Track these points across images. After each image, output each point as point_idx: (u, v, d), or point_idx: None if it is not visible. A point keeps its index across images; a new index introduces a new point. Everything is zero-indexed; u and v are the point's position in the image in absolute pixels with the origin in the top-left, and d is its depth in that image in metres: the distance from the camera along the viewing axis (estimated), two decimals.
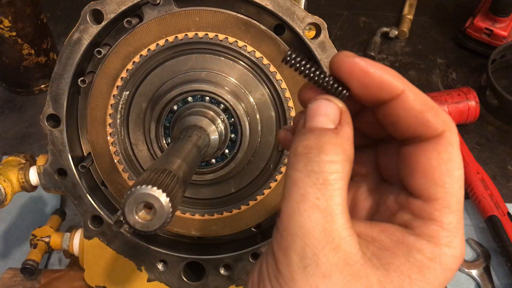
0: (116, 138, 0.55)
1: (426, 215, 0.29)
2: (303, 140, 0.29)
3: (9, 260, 0.79)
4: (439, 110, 0.29)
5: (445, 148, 0.29)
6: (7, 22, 0.89)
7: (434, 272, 0.27)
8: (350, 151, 0.29)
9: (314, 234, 0.26)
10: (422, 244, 0.28)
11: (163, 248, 0.59)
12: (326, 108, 0.30)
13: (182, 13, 0.51)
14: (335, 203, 0.27)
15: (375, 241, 0.29)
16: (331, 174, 0.27)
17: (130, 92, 0.54)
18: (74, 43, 0.52)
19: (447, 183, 0.28)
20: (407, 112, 0.29)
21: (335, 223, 0.27)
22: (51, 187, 0.57)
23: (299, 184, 0.27)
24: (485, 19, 1.06)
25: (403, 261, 0.27)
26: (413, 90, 0.29)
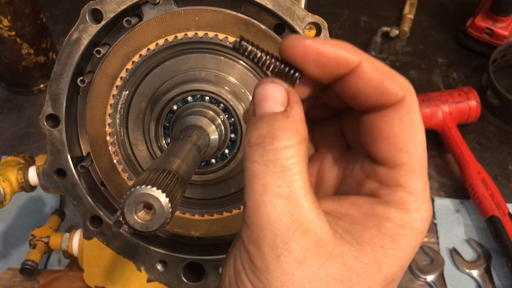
0: (116, 138, 0.55)
1: (392, 182, 0.29)
2: (255, 129, 0.28)
3: (8, 260, 0.79)
4: (396, 75, 0.29)
5: (407, 114, 0.29)
6: (6, 22, 0.89)
7: (406, 238, 0.28)
8: (303, 131, 0.29)
9: (282, 222, 0.26)
10: (391, 212, 0.28)
11: (163, 248, 0.58)
12: (273, 91, 0.29)
13: (181, 13, 0.51)
14: (297, 187, 0.27)
15: (345, 216, 0.29)
16: (288, 159, 0.27)
17: (130, 91, 0.54)
18: (74, 43, 0.52)
19: (411, 148, 0.28)
20: (365, 83, 0.29)
21: (301, 207, 0.27)
22: (50, 187, 0.57)
23: (259, 176, 0.27)
24: (486, 19, 1.06)
25: (375, 232, 0.27)
26: (369, 60, 0.29)
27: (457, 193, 0.89)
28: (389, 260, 0.27)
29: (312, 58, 0.29)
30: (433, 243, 0.82)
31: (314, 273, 0.26)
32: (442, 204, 0.87)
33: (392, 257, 0.27)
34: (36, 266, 0.66)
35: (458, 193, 0.89)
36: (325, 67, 0.29)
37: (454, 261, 0.80)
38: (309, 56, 0.29)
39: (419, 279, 0.78)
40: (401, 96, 0.28)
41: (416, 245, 0.28)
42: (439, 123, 0.92)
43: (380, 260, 0.27)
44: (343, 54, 0.28)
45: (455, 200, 0.88)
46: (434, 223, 0.85)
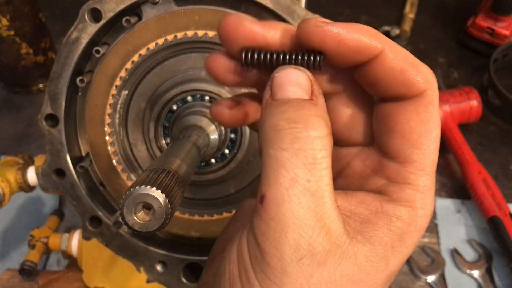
0: (115, 138, 0.55)
1: (401, 179, 0.28)
2: (281, 112, 0.25)
3: (7, 261, 0.79)
4: (420, 66, 0.28)
5: (426, 108, 0.27)
6: (5, 21, 0.89)
7: (412, 235, 0.28)
8: (329, 123, 0.27)
9: (307, 221, 0.24)
10: (400, 210, 0.27)
11: (162, 249, 0.58)
12: (297, 77, 0.27)
13: (181, 12, 0.51)
14: (325, 183, 0.25)
15: (355, 214, 0.28)
16: (320, 151, 0.25)
17: (129, 91, 0.54)
18: (73, 42, 0.52)
19: (424, 144, 0.27)
20: (386, 72, 0.27)
21: (325, 205, 0.25)
22: (50, 188, 0.57)
23: (287, 166, 0.24)
24: (487, 18, 1.05)
25: (385, 231, 0.27)
26: (393, 47, 0.27)
27: (458, 193, 0.88)
28: (395, 257, 0.27)
29: (331, 45, 0.26)
30: (434, 244, 0.82)
31: (331, 274, 0.25)
32: (443, 204, 0.87)
33: (398, 254, 0.27)
34: (35, 266, 0.66)
35: (459, 193, 0.88)
36: (345, 55, 0.27)
37: (455, 261, 0.79)
38: (329, 43, 0.26)
39: (420, 280, 0.78)
40: (422, 89, 0.27)
41: (418, 240, 0.28)
42: (440, 123, 0.91)
43: (389, 258, 0.27)
44: (366, 41, 0.26)
45: (456, 200, 0.87)
46: (435, 223, 0.85)
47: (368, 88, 0.29)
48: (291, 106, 0.26)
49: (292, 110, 0.25)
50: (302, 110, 0.25)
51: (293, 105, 0.26)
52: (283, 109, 0.26)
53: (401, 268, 0.78)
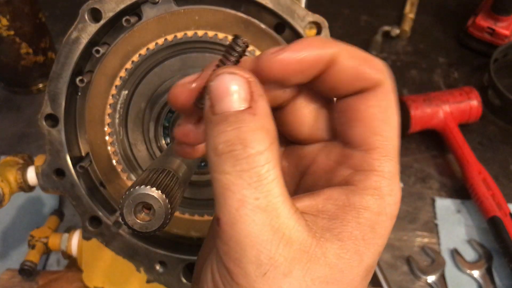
0: (115, 138, 0.55)
1: (366, 166, 0.28)
2: (220, 133, 0.25)
3: (7, 261, 0.79)
4: (372, 59, 0.29)
5: (384, 96, 0.29)
6: (5, 21, 0.89)
7: (383, 224, 0.27)
8: (272, 129, 0.26)
9: (264, 237, 0.24)
10: (368, 200, 0.27)
11: (162, 249, 0.58)
12: (232, 84, 0.26)
13: (181, 12, 0.51)
14: (275, 195, 0.25)
15: (322, 212, 0.27)
16: (263, 166, 0.24)
17: (129, 91, 0.53)
18: (73, 42, 0.52)
19: (385, 131, 0.28)
20: (343, 75, 0.28)
21: (280, 216, 0.25)
22: (49, 188, 0.57)
23: (233, 189, 0.24)
24: (487, 18, 1.05)
25: (354, 225, 0.26)
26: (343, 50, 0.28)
27: (458, 193, 0.88)
28: (369, 250, 0.27)
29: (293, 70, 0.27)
30: (434, 244, 0.82)
31: (301, 281, 0.25)
32: (443, 204, 0.87)
33: (372, 246, 0.27)
34: (35, 266, 0.66)
35: (459, 193, 0.88)
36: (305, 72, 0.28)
37: (455, 261, 0.79)
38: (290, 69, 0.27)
39: (420, 280, 0.78)
40: (378, 81, 0.28)
41: (390, 229, 0.28)
42: (440, 123, 0.91)
43: (362, 251, 0.26)
44: (320, 53, 0.27)
45: (456, 200, 0.87)
46: (435, 223, 0.85)
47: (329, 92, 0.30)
48: (229, 124, 0.25)
49: (230, 129, 0.25)
50: (240, 127, 0.25)
51: (231, 123, 0.25)
52: (221, 128, 0.25)
53: (401, 268, 0.79)
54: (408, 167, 0.92)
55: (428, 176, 0.91)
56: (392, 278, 0.77)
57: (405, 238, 0.82)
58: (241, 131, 0.25)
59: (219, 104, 0.26)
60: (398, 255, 0.80)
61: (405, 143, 0.95)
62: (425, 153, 0.94)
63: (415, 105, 0.91)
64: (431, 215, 0.86)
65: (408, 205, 0.87)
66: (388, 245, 0.81)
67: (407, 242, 0.82)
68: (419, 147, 0.95)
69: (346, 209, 0.27)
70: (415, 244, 0.82)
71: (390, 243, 0.82)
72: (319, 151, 0.32)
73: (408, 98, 0.92)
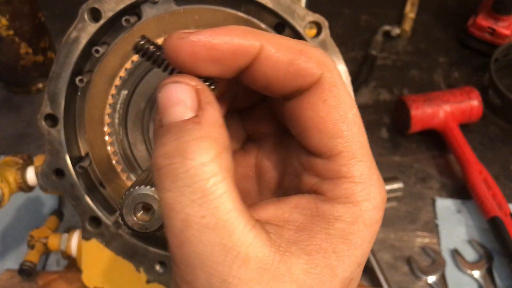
0: (115, 138, 0.55)
1: (333, 174, 0.25)
2: (161, 146, 0.23)
3: (7, 261, 0.79)
4: (309, 50, 0.25)
5: (330, 93, 0.25)
6: (5, 21, 0.88)
7: (360, 233, 0.24)
8: (222, 137, 0.23)
9: (215, 258, 0.22)
10: (339, 209, 0.24)
11: (162, 249, 0.58)
12: (178, 93, 0.24)
13: (181, 12, 0.51)
14: (225, 211, 0.22)
15: (289, 223, 0.24)
16: (209, 179, 0.22)
17: (129, 91, 0.53)
18: (72, 42, 0.51)
19: (344, 131, 0.25)
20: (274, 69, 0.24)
21: (234, 233, 0.22)
22: (49, 188, 0.57)
23: (176, 208, 0.22)
24: (487, 18, 1.05)
25: (323, 237, 0.24)
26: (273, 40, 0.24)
27: (458, 194, 0.88)
28: (343, 263, 0.24)
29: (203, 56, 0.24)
30: (434, 244, 0.82)
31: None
32: (444, 204, 0.87)
33: (347, 258, 0.24)
34: (35, 267, 0.66)
35: (459, 194, 0.88)
36: (222, 63, 0.24)
37: (456, 261, 0.79)
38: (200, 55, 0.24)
39: (420, 280, 0.78)
40: (318, 74, 0.25)
41: (371, 237, 0.25)
42: (441, 123, 0.91)
43: (334, 265, 0.24)
44: (239, 42, 0.24)
45: (456, 201, 0.87)
46: (436, 223, 0.84)
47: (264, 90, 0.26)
48: (170, 135, 0.23)
49: (171, 140, 0.23)
50: (181, 137, 0.22)
51: (173, 134, 0.23)
52: (163, 140, 0.23)
53: (402, 268, 0.78)
54: (409, 167, 0.92)
55: (429, 176, 0.91)
56: (392, 278, 0.77)
57: (406, 238, 0.82)
58: (181, 141, 0.22)
59: (165, 115, 0.24)
60: (399, 255, 0.80)
61: (406, 143, 0.95)
62: (426, 153, 0.94)
63: (415, 105, 0.91)
64: (431, 215, 0.85)
65: (408, 205, 0.86)
66: (388, 245, 0.81)
67: (407, 242, 0.82)
68: (420, 147, 0.95)
69: (314, 219, 0.24)
70: (416, 244, 0.82)
71: (391, 243, 0.81)
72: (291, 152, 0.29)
73: (409, 98, 0.92)
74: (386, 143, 0.95)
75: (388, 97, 1.02)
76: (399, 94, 1.02)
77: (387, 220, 0.84)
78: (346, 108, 0.25)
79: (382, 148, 0.94)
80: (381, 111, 0.99)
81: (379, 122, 0.97)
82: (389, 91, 1.03)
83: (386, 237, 0.82)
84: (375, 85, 1.03)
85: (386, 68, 1.07)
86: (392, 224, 0.83)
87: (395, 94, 1.02)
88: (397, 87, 1.03)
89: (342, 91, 0.25)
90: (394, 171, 0.90)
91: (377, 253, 0.79)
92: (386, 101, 1.01)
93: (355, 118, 0.25)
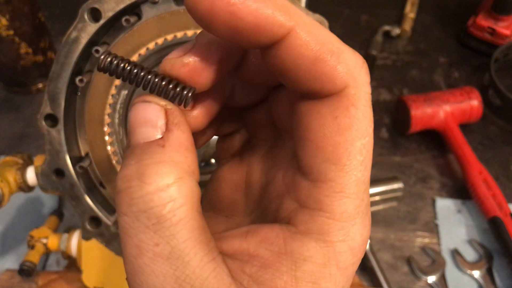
0: (115, 138, 0.54)
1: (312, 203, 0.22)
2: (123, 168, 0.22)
3: (7, 261, 0.79)
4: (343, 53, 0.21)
5: (345, 111, 0.21)
6: (5, 21, 0.88)
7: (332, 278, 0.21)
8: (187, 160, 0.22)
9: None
10: (309, 249, 0.21)
11: None
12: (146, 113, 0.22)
13: (181, 12, 0.51)
14: (181, 240, 0.20)
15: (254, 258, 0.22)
16: (166, 205, 0.20)
17: (129, 91, 0.53)
18: (72, 42, 0.51)
19: (343, 158, 0.21)
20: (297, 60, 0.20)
21: (189, 265, 0.20)
22: (49, 188, 0.57)
23: (130, 233, 0.21)
24: (487, 18, 1.05)
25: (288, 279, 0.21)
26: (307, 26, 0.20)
27: (458, 194, 0.88)
28: None
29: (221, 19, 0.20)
30: (434, 244, 0.82)
31: None
32: (444, 204, 0.87)
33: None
34: (35, 267, 0.66)
35: (459, 194, 0.88)
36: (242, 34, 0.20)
37: (456, 262, 0.79)
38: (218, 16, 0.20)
39: (420, 280, 0.78)
40: (341, 85, 0.21)
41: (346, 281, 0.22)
42: (441, 123, 0.91)
43: None
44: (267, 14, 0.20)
45: (456, 201, 0.87)
46: (436, 223, 0.84)
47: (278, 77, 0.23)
48: (133, 157, 0.22)
49: (132, 163, 0.21)
50: (141, 160, 0.21)
51: (135, 156, 0.22)
52: (125, 162, 0.22)
53: (401, 268, 0.78)
54: (409, 167, 0.92)
55: (429, 176, 0.91)
56: (392, 279, 0.77)
57: (406, 239, 0.82)
58: (141, 164, 0.21)
59: (132, 136, 0.23)
60: (399, 255, 0.80)
61: (406, 143, 0.95)
62: (426, 153, 0.94)
63: (415, 105, 0.91)
64: (431, 215, 0.85)
65: (408, 206, 0.86)
66: (388, 245, 0.81)
67: (407, 242, 0.82)
68: (420, 147, 0.95)
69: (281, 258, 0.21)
70: (416, 244, 0.82)
71: (391, 243, 0.81)
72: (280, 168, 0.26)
73: (409, 98, 0.92)
74: (386, 143, 0.95)
75: (388, 97, 1.02)
76: (399, 94, 1.02)
77: (387, 220, 0.84)
78: (357, 134, 0.21)
79: (382, 148, 0.94)
80: (381, 111, 0.99)
81: (379, 122, 0.97)
82: (389, 91, 1.03)
83: (386, 237, 0.82)
84: (375, 85, 1.03)
85: (386, 68, 1.07)
86: (392, 224, 0.83)
87: (395, 94, 1.02)
88: (397, 87, 1.04)
89: (361, 114, 0.21)
90: (394, 171, 0.90)
91: (377, 253, 0.79)
92: (386, 101, 1.01)
93: (362, 149, 0.21)
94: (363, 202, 0.22)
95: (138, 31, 0.51)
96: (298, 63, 0.21)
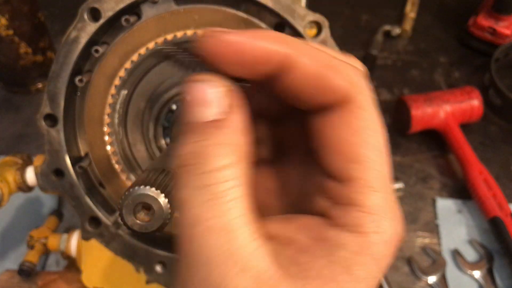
0: (114, 138, 0.54)
1: (345, 200, 0.24)
2: (185, 144, 0.23)
3: (6, 261, 0.79)
4: (341, 67, 0.24)
5: (355, 115, 0.24)
6: (4, 21, 0.88)
7: (365, 266, 0.23)
8: (244, 144, 0.23)
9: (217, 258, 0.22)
10: (345, 237, 0.23)
11: (162, 249, 0.58)
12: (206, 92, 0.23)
13: (181, 11, 0.51)
14: (233, 216, 0.22)
15: (293, 242, 0.24)
16: (224, 183, 0.22)
17: (129, 91, 0.53)
18: (72, 42, 0.51)
19: (363, 156, 0.24)
20: (301, 81, 0.23)
21: (237, 240, 0.22)
22: (48, 188, 0.57)
23: (189, 205, 0.23)
24: (488, 18, 1.05)
25: (324, 263, 0.23)
26: (305, 51, 0.23)
27: (459, 194, 0.88)
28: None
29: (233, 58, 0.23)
30: (435, 244, 0.82)
31: None
32: (444, 204, 0.87)
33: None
34: (34, 267, 0.66)
35: (460, 194, 0.88)
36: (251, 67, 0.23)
37: (456, 262, 0.79)
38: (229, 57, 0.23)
39: (421, 280, 0.78)
40: (346, 93, 0.24)
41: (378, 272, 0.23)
42: (441, 123, 0.91)
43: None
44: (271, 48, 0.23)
45: (457, 201, 0.87)
46: (436, 223, 0.84)
47: (290, 101, 0.25)
48: (194, 135, 0.23)
49: (194, 141, 0.23)
50: (204, 140, 0.23)
51: (197, 134, 0.23)
52: (187, 139, 0.23)
53: (402, 268, 0.78)
54: (409, 167, 0.92)
55: (429, 176, 0.91)
56: (393, 279, 0.77)
57: (406, 239, 0.82)
58: (204, 144, 0.23)
59: (189, 114, 0.24)
60: (399, 255, 0.80)
61: (406, 143, 0.95)
62: (426, 153, 0.94)
63: (416, 105, 0.90)
64: (432, 215, 0.85)
65: (409, 205, 0.86)
66: None
67: (408, 242, 0.82)
68: (420, 147, 0.95)
69: (319, 243, 0.23)
70: (416, 244, 0.82)
71: None
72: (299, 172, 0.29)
73: (409, 98, 0.92)
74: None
75: (389, 97, 1.02)
76: (400, 94, 1.02)
77: None
78: (370, 133, 0.24)
79: None
80: (381, 111, 0.98)
81: None
82: (389, 91, 1.03)
83: None
84: (376, 85, 1.03)
85: (387, 68, 1.07)
86: None
87: (396, 94, 1.02)
88: (397, 87, 1.03)
89: (370, 115, 0.24)
90: (395, 171, 0.90)
91: None
92: (387, 101, 1.01)
93: (378, 146, 0.24)
94: (390, 197, 0.24)
95: (138, 30, 0.51)
96: (304, 82, 0.23)
